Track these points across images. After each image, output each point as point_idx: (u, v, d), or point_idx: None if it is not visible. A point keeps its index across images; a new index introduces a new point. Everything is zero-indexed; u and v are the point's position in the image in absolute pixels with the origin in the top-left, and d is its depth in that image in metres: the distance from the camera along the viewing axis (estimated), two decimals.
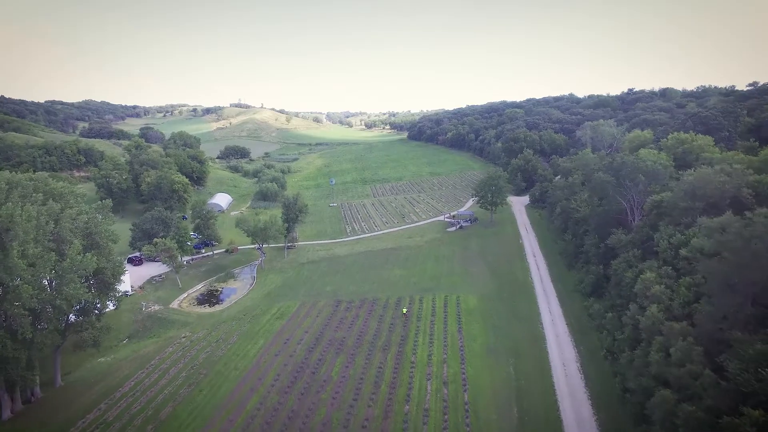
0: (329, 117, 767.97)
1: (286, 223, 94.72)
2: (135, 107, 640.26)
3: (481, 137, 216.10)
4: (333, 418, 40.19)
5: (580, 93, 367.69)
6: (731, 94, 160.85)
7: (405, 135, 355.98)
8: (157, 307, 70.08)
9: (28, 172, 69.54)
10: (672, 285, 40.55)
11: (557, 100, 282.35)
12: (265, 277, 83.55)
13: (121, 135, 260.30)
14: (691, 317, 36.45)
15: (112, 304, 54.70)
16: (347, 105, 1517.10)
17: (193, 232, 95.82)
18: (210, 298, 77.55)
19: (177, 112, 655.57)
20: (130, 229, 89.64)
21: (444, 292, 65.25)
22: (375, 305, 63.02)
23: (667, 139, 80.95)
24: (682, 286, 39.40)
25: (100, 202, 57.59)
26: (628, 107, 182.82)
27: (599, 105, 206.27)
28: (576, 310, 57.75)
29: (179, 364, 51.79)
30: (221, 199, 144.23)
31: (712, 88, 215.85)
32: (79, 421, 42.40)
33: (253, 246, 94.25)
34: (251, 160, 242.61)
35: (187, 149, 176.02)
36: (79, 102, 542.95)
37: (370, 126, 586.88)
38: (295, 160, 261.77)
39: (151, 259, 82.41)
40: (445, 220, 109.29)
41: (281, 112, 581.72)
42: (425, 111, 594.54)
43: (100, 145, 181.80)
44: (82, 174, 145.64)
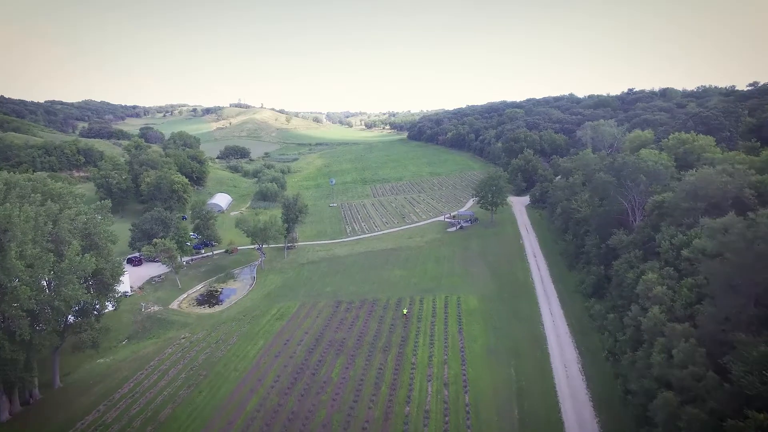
0: (329, 117, 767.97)
1: (286, 224, 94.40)
2: (135, 107, 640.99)
3: (481, 137, 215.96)
4: (333, 419, 39.99)
5: (581, 93, 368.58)
6: (732, 94, 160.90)
7: (405, 135, 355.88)
8: (156, 307, 69.82)
9: (27, 173, 69.41)
10: (674, 286, 40.33)
11: (557, 100, 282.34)
12: (265, 277, 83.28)
13: (120, 135, 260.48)
14: (693, 318, 36.21)
15: (111, 304, 54.42)
16: (347, 105, 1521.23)
17: (193, 233, 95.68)
18: (210, 298, 77.24)
19: (177, 112, 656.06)
20: (130, 229, 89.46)
21: (444, 293, 65.05)
22: (375, 306, 62.83)
23: (668, 139, 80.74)
24: (684, 287, 39.20)
25: (99, 202, 57.40)
26: (629, 107, 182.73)
27: (599, 105, 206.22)
28: (577, 311, 57.55)
29: (179, 365, 51.61)
30: (221, 200, 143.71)
31: (713, 88, 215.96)
32: (78, 422, 42.22)
33: (252, 246, 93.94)
34: (251, 160, 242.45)
35: (187, 149, 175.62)
36: (78, 102, 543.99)
37: (370, 126, 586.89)
38: (295, 160, 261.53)
39: (150, 259, 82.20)
40: (446, 220, 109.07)
41: (281, 112, 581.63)
42: (425, 111, 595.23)
43: (99, 145, 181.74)
44: (81, 174, 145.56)
